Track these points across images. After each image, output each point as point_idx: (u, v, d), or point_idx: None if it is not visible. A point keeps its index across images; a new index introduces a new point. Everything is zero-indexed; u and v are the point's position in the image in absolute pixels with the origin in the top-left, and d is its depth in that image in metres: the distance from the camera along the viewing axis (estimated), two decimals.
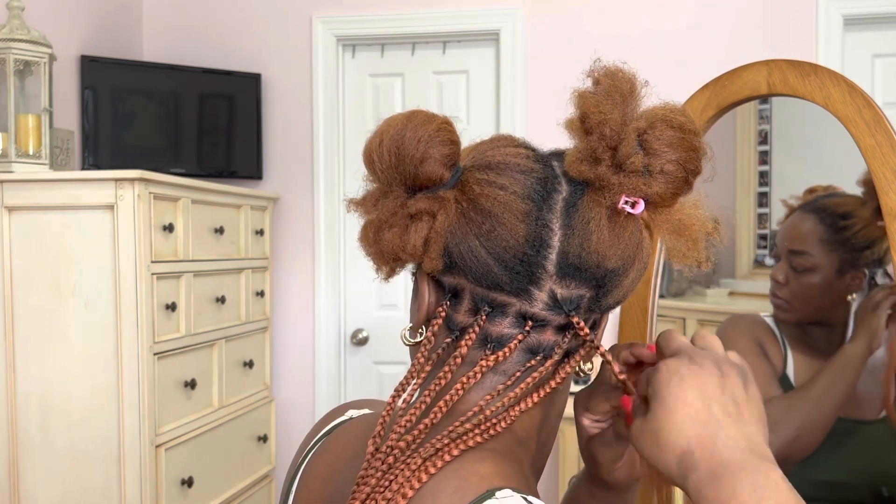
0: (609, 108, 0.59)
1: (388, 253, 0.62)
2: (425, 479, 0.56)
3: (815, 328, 1.23)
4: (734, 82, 1.11)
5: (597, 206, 0.58)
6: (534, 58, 2.75)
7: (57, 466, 1.98)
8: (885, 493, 1.15)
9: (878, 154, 0.98)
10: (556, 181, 0.60)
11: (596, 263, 0.58)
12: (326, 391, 2.89)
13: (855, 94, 1.00)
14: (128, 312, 1.93)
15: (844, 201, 1.18)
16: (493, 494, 0.54)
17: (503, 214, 0.58)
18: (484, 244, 0.59)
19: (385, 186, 0.61)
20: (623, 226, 0.59)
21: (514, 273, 0.58)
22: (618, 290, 0.60)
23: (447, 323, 0.63)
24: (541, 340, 0.61)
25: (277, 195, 2.79)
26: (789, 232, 1.23)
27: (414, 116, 0.60)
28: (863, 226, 1.15)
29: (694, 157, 0.60)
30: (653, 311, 1.22)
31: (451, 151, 0.60)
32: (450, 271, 0.61)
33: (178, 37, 2.94)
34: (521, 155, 0.61)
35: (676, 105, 0.61)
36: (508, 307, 0.60)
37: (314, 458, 0.71)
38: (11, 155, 2.02)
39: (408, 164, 0.59)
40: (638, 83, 0.61)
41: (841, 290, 1.18)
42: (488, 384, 0.62)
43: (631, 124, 0.59)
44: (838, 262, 1.18)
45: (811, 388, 1.17)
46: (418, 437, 0.60)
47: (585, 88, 0.61)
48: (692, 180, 0.60)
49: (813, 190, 1.26)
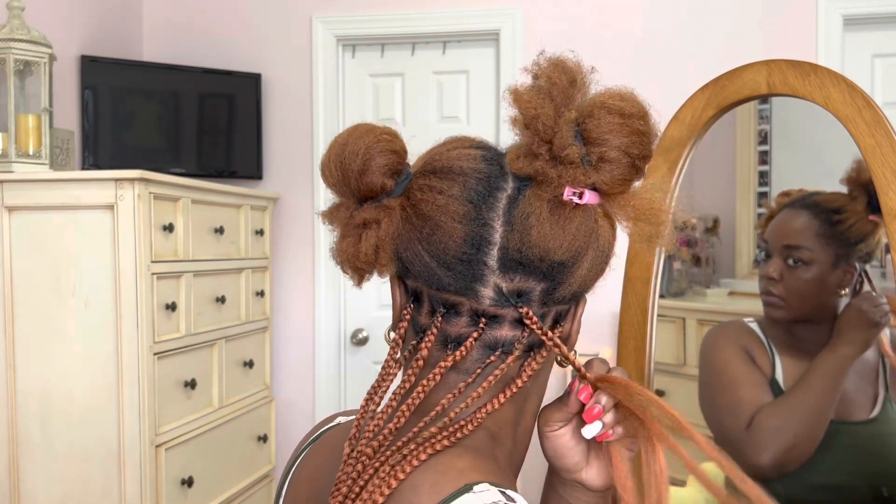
0: (541, 101, 0.59)
1: (346, 262, 0.64)
2: (395, 484, 0.57)
3: (802, 328, 1.22)
4: (734, 82, 1.11)
5: (538, 199, 0.59)
6: (533, 59, 2.74)
7: (57, 466, 1.98)
8: (885, 494, 1.15)
9: (878, 154, 0.98)
10: (501, 179, 0.60)
11: (539, 257, 0.58)
12: (326, 391, 2.89)
13: (855, 94, 1.00)
14: (128, 312, 1.93)
15: (835, 197, 1.19)
16: (470, 488, 0.55)
17: (440, 217, 0.59)
18: (426, 248, 0.60)
19: (339, 199, 0.64)
20: (569, 217, 0.58)
21: (457, 273, 0.59)
22: (570, 281, 0.60)
23: (412, 325, 0.64)
24: (497, 336, 0.61)
25: (277, 195, 2.79)
26: (782, 228, 1.23)
27: (354, 130, 0.62)
28: (856, 220, 1.15)
29: (638, 141, 0.59)
30: (653, 311, 1.22)
31: (390, 161, 0.61)
32: (408, 275, 0.63)
33: (178, 37, 2.94)
34: (469, 157, 0.62)
35: (619, 89, 0.60)
36: (460, 306, 0.61)
37: (302, 461, 0.73)
38: (11, 155, 2.02)
39: (350, 176, 0.61)
40: (580, 73, 0.61)
41: (834, 283, 1.18)
42: (451, 383, 0.63)
43: (565, 115, 0.58)
44: (833, 256, 1.18)
45: (805, 396, 1.16)
46: (384, 441, 0.60)
47: (519, 85, 0.61)
48: (640, 164, 0.60)
49: (787, 193, 1.27)
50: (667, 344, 1.35)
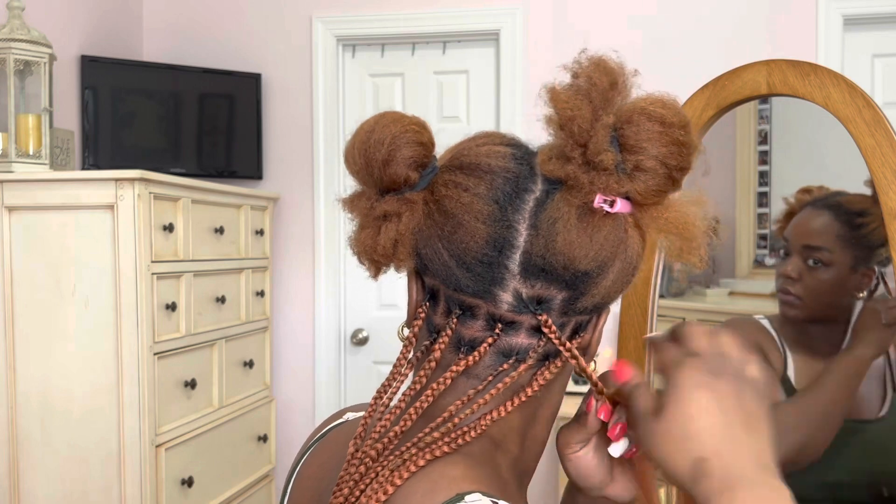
0: (578, 103, 0.56)
1: (362, 253, 0.61)
2: (391, 490, 0.55)
3: (815, 327, 1.23)
4: (734, 82, 1.11)
5: (566, 205, 0.56)
6: (534, 58, 2.75)
7: (57, 466, 1.98)
8: (886, 494, 1.15)
9: (878, 154, 0.98)
10: (529, 180, 0.58)
11: (563, 265, 0.56)
12: (326, 391, 2.89)
13: (855, 94, 1.00)
14: (128, 312, 1.93)
15: (858, 199, 1.18)
16: (462, 498, 0.53)
17: (463, 216, 0.57)
18: (446, 246, 0.58)
19: (361, 187, 0.61)
20: (597, 226, 0.56)
21: (476, 275, 0.57)
22: (594, 291, 0.58)
23: (427, 324, 0.62)
24: (513, 343, 0.59)
25: (277, 195, 2.79)
26: (803, 228, 1.23)
27: (382, 118, 0.59)
28: (879, 224, 1.15)
29: (677, 152, 0.56)
30: (653, 311, 1.22)
31: (416, 153, 0.58)
32: (427, 272, 0.61)
33: (178, 37, 2.94)
34: (498, 154, 0.59)
35: (662, 96, 0.57)
36: (477, 309, 0.59)
37: (308, 459, 0.72)
38: (11, 155, 2.02)
39: (374, 166, 0.58)
40: (622, 75, 0.58)
41: (852, 286, 1.19)
42: (461, 389, 0.61)
43: (603, 119, 0.56)
44: (852, 258, 1.18)
45: (821, 395, 1.16)
46: (388, 444, 0.59)
47: (558, 83, 0.59)
48: (677, 177, 0.57)
49: (808, 190, 1.26)
50: None
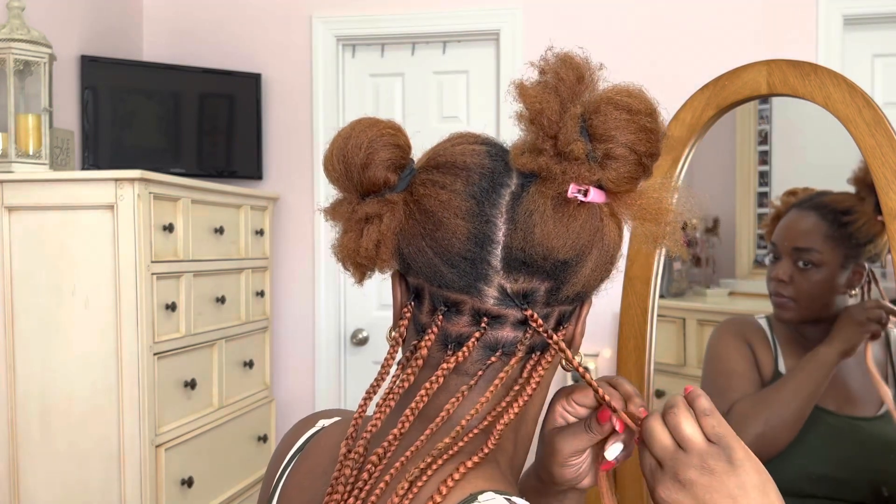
0: (546, 97, 0.58)
1: (346, 257, 0.62)
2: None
3: (809, 327, 1.24)
4: (734, 82, 1.11)
5: (541, 197, 0.57)
6: (534, 58, 2.74)
7: (57, 466, 1.98)
8: (885, 493, 1.15)
9: (878, 154, 0.98)
10: (505, 175, 0.59)
11: (542, 255, 0.57)
12: (326, 391, 2.89)
13: (855, 94, 1.00)
14: (128, 312, 1.93)
15: (844, 198, 1.19)
16: (475, 498, 0.54)
17: (443, 214, 0.58)
18: (429, 244, 0.59)
19: (342, 193, 0.62)
20: (573, 215, 0.57)
21: (461, 271, 0.58)
22: (575, 280, 0.59)
23: (413, 323, 0.63)
24: (499, 337, 0.60)
25: (277, 195, 2.79)
26: (790, 230, 1.24)
27: (358, 124, 0.61)
28: (865, 221, 1.16)
29: (645, 138, 0.57)
30: (653, 311, 1.22)
31: (393, 155, 0.60)
32: (410, 272, 0.62)
33: (178, 37, 2.94)
34: (473, 152, 0.61)
35: (627, 85, 0.58)
36: (462, 305, 0.59)
37: (292, 472, 0.71)
38: (11, 155, 2.02)
39: (353, 170, 0.59)
40: (588, 69, 0.59)
41: (843, 284, 1.19)
42: (452, 386, 0.61)
43: (571, 111, 0.57)
44: (842, 257, 1.19)
45: (781, 388, 1.20)
46: (388, 448, 0.59)
47: (525, 80, 0.60)
48: (647, 163, 0.58)
49: (793, 192, 1.27)
50: (667, 344, 1.35)
